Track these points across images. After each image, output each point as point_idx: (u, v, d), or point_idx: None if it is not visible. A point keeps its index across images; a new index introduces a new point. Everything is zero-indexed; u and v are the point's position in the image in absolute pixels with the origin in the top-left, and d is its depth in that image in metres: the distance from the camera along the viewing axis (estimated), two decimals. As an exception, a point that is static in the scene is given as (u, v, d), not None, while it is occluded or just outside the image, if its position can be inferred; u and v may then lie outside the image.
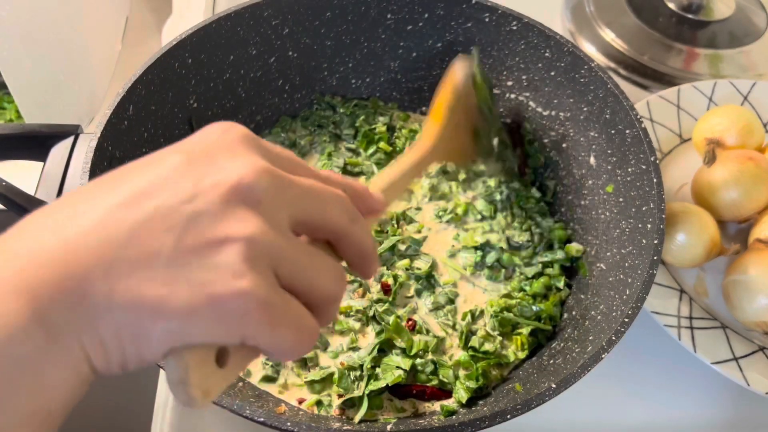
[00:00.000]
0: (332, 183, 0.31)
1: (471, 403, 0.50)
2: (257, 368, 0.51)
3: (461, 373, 0.51)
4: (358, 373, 0.51)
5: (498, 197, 0.62)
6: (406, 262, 0.57)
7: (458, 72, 0.56)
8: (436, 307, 0.56)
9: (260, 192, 0.26)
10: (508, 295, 0.56)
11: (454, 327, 0.54)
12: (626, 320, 0.45)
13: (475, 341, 0.53)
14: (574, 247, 0.58)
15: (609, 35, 0.81)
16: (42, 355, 0.23)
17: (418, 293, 0.56)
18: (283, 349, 0.26)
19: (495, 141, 0.62)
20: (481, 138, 0.59)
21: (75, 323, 0.23)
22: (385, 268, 0.57)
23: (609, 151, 0.57)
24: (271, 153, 0.29)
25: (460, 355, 0.53)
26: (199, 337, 0.24)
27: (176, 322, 0.24)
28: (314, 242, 0.30)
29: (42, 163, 0.52)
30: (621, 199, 0.55)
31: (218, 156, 0.27)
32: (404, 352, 0.52)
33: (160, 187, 0.25)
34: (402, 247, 0.59)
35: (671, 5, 0.83)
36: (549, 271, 0.58)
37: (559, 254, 0.58)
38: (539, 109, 0.64)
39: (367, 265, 0.32)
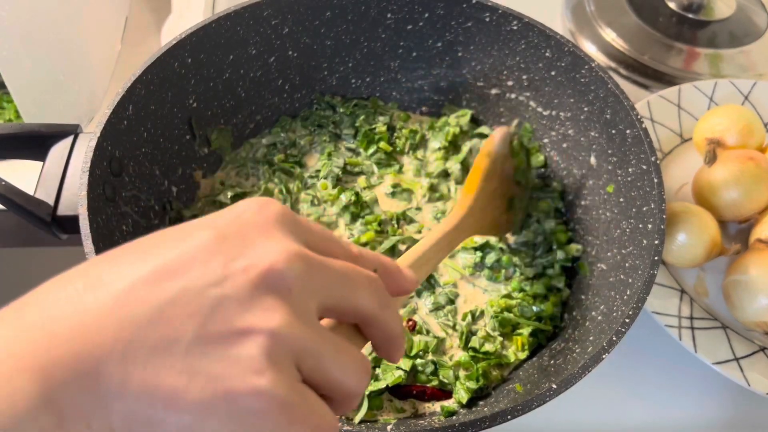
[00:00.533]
0: (364, 262, 0.30)
1: (471, 403, 0.50)
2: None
3: (461, 373, 0.51)
4: (358, 373, 0.51)
5: None
6: (406, 262, 0.57)
7: (495, 138, 0.55)
8: (437, 308, 0.55)
9: (291, 280, 0.25)
10: (508, 296, 0.56)
11: (454, 327, 0.54)
12: (627, 320, 0.45)
13: (475, 342, 0.53)
14: (574, 247, 0.58)
15: (609, 35, 0.81)
16: None
17: (418, 293, 0.56)
18: None
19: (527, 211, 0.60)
20: (516, 208, 0.58)
21: (85, 408, 0.22)
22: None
23: (609, 151, 0.57)
24: (306, 232, 0.28)
25: (461, 355, 0.53)
26: None
27: (189, 417, 0.23)
28: (340, 325, 0.30)
29: (41, 163, 0.52)
30: (621, 200, 0.55)
31: (251, 236, 0.26)
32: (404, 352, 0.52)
33: (188, 265, 0.24)
34: (402, 248, 0.58)
35: (672, 5, 0.83)
36: (549, 271, 0.57)
37: (559, 255, 0.58)
38: (539, 109, 0.64)
39: (395, 349, 0.31)
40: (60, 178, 0.50)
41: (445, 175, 0.64)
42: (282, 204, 0.28)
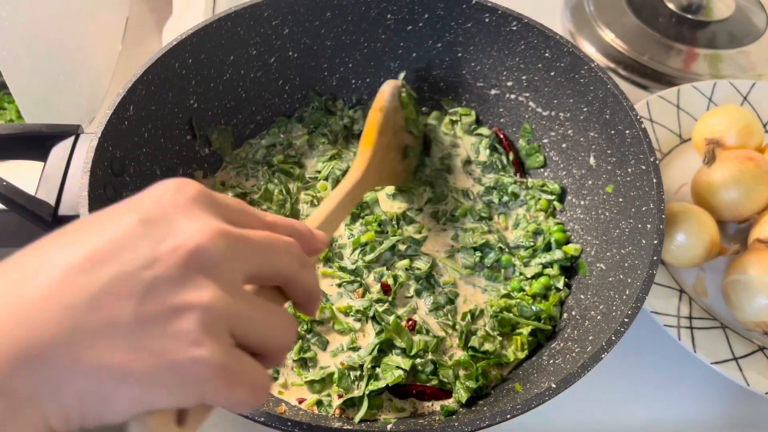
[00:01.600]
0: (279, 228, 0.32)
1: (471, 403, 0.50)
2: (257, 368, 0.51)
3: (461, 373, 0.51)
4: (358, 373, 0.51)
5: (497, 200, 0.63)
6: (406, 262, 0.57)
7: (385, 93, 0.58)
8: (436, 307, 0.56)
9: (217, 256, 0.27)
10: (507, 295, 0.56)
11: (454, 327, 0.54)
12: (626, 320, 0.45)
13: (474, 341, 0.53)
14: (572, 247, 0.58)
15: (609, 35, 0.81)
16: (1, 425, 0.23)
17: (418, 293, 0.56)
18: (240, 406, 0.27)
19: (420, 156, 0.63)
20: (410, 155, 0.61)
21: (37, 392, 0.23)
22: (385, 268, 0.57)
23: (609, 152, 0.57)
24: (224, 208, 0.30)
25: (460, 355, 0.53)
26: (161, 402, 0.25)
27: (139, 389, 0.24)
28: (263, 288, 0.32)
29: (42, 163, 0.53)
30: (621, 200, 0.55)
31: (174, 218, 0.27)
32: (404, 352, 0.52)
33: (118, 250, 0.25)
34: (402, 247, 0.59)
35: (671, 5, 0.84)
36: (548, 271, 0.58)
37: (558, 254, 0.58)
38: (539, 110, 0.64)
39: (314, 304, 0.34)
40: (61, 179, 0.51)
41: (444, 176, 0.64)
42: (198, 183, 0.29)
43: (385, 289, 0.56)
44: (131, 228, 0.26)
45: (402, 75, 0.64)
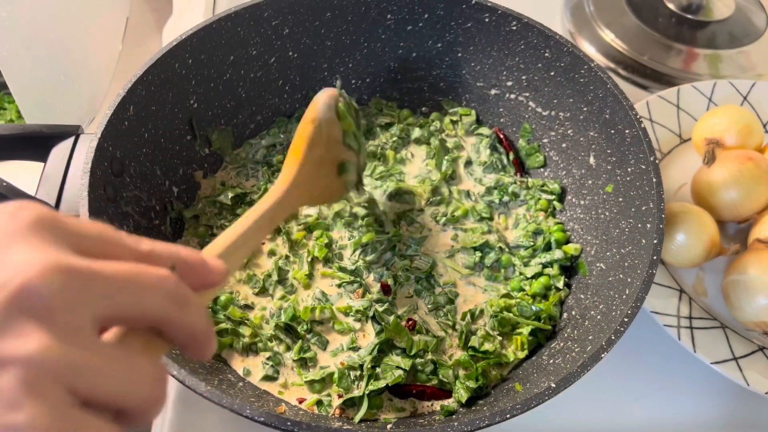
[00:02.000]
0: (155, 259, 0.27)
1: (471, 402, 0.50)
2: (257, 367, 0.51)
3: (461, 372, 0.51)
4: (358, 372, 0.51)
5: (497, 200, 0.63)
6: (406, 262, 0.57)
7: (319, 103, 0.52)
8: (436, 307, 0.56)
9: (50, 298, 0.22)
10: (507, 295, 0.56)
11: (453, 327, 0.54)
12: (626, 320, 0.45)
13: (474, 341, 0.53)
14: (572, 247, 0.58)
15: (609, 35, 0.81)
16: None
17: (418, 293, 0.56)
18: None
19: (362, 172, 0.57)
20: (347, 171, 0.54)
21: None
22: (385, 268, 0.57)
23: (609, 151, 0.58)
24: (74, 236, 0.25)
25: (460, 354, 0.53)
26: None
27: None
28: (133, 331, 0.26)
29: (42, 164, 0.53)
30: (621, 199, 0.55)
31: (2, 249, 0.23)
32: (404, 352, 0.52)
33: None
34: (402, 247, 0.59)
35: (671, 5, 0.84)
36: (548, 271, 0.58)
37: (558, 254, 0.58)
38: (539, 109, 0.64)
39: (202, 346, 0.28)
40: (61, 179, 0.51)
41: (447, 178, 0.64)
42: (41, 206, 0.25)
43: (385, 289, 0.56)
44: None
45: (339, 83, 0.56)
